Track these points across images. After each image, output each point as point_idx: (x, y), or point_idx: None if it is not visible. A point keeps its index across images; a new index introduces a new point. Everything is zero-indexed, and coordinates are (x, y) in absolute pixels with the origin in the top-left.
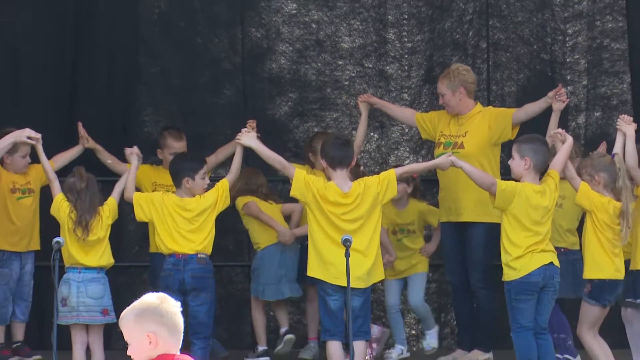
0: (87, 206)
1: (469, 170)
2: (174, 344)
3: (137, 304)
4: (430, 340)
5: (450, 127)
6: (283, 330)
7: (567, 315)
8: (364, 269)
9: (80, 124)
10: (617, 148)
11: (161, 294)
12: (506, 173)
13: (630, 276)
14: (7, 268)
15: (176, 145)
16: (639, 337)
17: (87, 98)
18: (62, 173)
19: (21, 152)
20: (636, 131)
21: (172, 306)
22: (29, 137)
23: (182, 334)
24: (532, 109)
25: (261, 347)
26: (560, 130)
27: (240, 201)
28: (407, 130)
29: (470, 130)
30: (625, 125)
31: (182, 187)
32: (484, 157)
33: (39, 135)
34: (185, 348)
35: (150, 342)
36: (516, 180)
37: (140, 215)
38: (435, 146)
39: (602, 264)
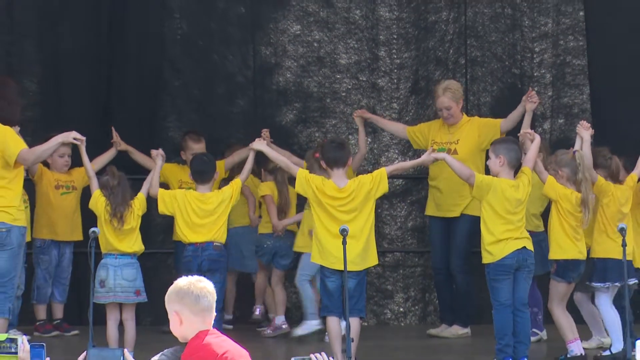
0: (120, 200)
1: (450, 161)
2: (200, 321)
3: (171, 286)
4: (302, 328)
5: (441, 135)
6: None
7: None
8: (357, 253)
9: (113, 129)
10: (577, 148)
11: (193, 278)
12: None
13: (590, 262)
14: (47, 255)
15: (195, 146)
16: (592, 316)
17: (120, 107)
18: (101, 172)
19: (58, 152)
20: (592, 136)
21: (199, 289)
22: (75, 139)
23: (209, 313)
24: (514, 115)
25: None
26: (529, 130)
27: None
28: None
29: (462, 138)
30: (583, 130)
31: (211, 182)
32: (473, 161)
33: (83, 138)
34: None
35: (178, 320)
36: (494, 176)
37: (162, 208)
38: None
39: (566, 246)
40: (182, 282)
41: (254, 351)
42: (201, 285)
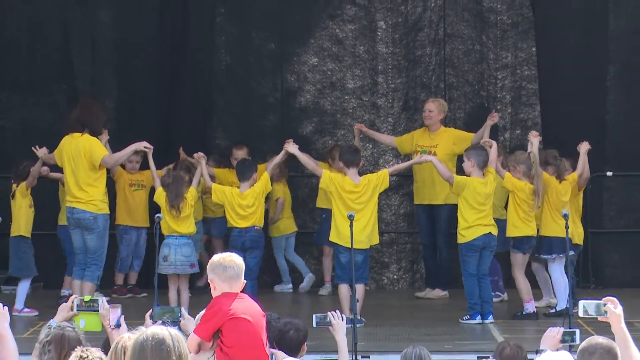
0: (174, 195)
1: (436, 163)
2: (228, 287)
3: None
4: (307, 283)
5: (424, 140)
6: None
7: (500, 264)
8: (365, 235)
9: (181, 149)
10: (530, 149)
11: (225, 253)
12: (459, 173)
13: (539, 239)
14: (128, 235)
15: (238, 152)
16: (545, 282)
17: (178, 122)
18: None
19: (128, 159)
20: (540, 142)
21: (227, 261)
22: (145, 147)
23: (236, 281)
24: (481, 130)
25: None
26: (487, 139)
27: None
28: None
29: (440, 144)
30: (533, 137)
31: (249, 180)
32: (447, 161)
33: (151, 147)
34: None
35: (213, 286)
36: (467, 176)
37: (215, 198)
38: (413, 154)
39: (519, 226)
40: (216, 257)
41: (279, 308)
42: (229, 259)
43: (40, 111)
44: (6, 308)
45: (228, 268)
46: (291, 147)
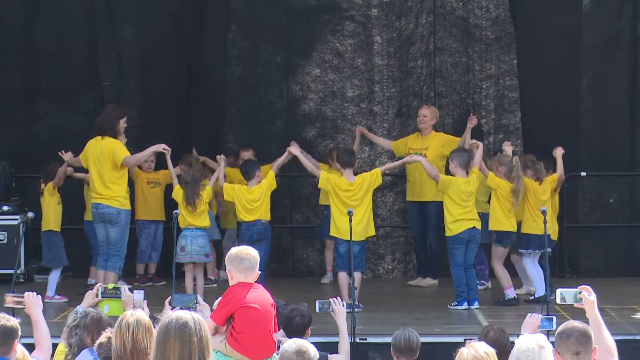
0: (191, 194)
1: (424, 163)
2: (243, 277)
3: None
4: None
5: (416, 143)
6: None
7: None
8: (361, 227)
9: (194, 149)
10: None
11: (242, 247)
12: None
13: (519, 235)
14: (147, 229)
15: (244, 154)
16: (523, 272)
17: (194, 126)
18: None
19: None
20: (516, 146)
21: (243, 254)
22: (163, 149)
23: (251, 272)
24: (464, 134)
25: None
26: (474, 141)
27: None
28: None
29: (430, 146)
30: (506, 147)
31: (255, 178)
32: (436, 163)
33: (169, 149)
34: None
35: (230, 276)
36: (452, 175)
37: (226, 197)
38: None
39: (501, 221)
40: (234, 249)
41: (285, 296)
42: (246, 252)
43: (70, 118)
44: (39, 296)
45: (244, 260)
46: (294, 149)
